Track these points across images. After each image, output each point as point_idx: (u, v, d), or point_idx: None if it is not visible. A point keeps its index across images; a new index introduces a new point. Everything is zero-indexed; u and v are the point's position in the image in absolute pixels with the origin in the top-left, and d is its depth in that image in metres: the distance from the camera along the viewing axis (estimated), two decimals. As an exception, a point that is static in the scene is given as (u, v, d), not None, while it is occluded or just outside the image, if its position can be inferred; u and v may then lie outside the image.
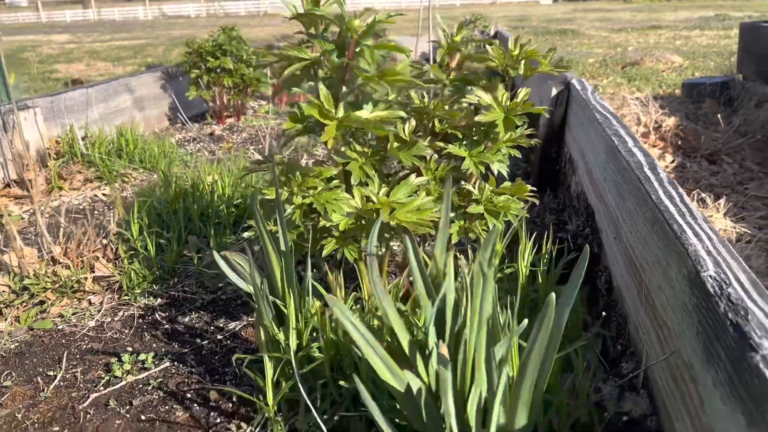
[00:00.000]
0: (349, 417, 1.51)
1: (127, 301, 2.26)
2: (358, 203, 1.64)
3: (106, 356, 1.96)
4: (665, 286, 1.30)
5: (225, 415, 1.65)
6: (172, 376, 1.83)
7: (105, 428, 1.63)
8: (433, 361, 1.17)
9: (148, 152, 3.67)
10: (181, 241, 2.54)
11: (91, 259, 2.37)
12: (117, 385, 1.80)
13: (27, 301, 2.26)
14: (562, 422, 1.31)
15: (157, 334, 2.07)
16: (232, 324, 2.11)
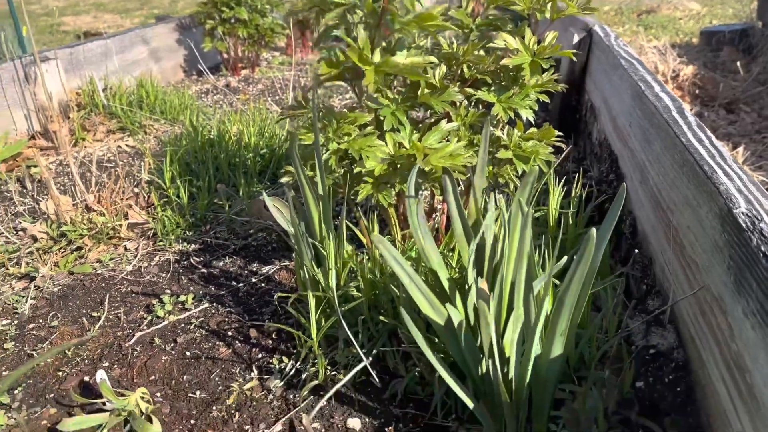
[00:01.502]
0: (386, 351, 1.60)
1: (161, 247, 2.34)
2: (390, 149, 1.69)
3: (146, 298, 2.04)
4: (695, 225, 1.34)
5: (266, 351, 1.73)
6: (212, 316, 1.92)
7: (152, 364, 1.72)
8: (472, 294, 1.24)
9: (168, 103, 3.70)
10: (211, 190, 2.60)
11: (124, 206, 2.43)
12: (160, 324, 1.89)
13: (65, 247, 2.34)
14: (592, 354, 1.38)
15: (193, 278, 2.15)
16: (265, 268, 2.18)
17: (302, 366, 1.64)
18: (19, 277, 2.23)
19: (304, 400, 1.53)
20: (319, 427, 1.46)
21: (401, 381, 1.51)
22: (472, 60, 1.77)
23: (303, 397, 1.54)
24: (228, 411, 1.53)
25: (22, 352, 1.82)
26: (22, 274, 2.23)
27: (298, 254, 1.63)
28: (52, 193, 2.36)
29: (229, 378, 1.64)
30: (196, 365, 1.70)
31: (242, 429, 1.47)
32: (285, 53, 5.89)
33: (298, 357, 1.67)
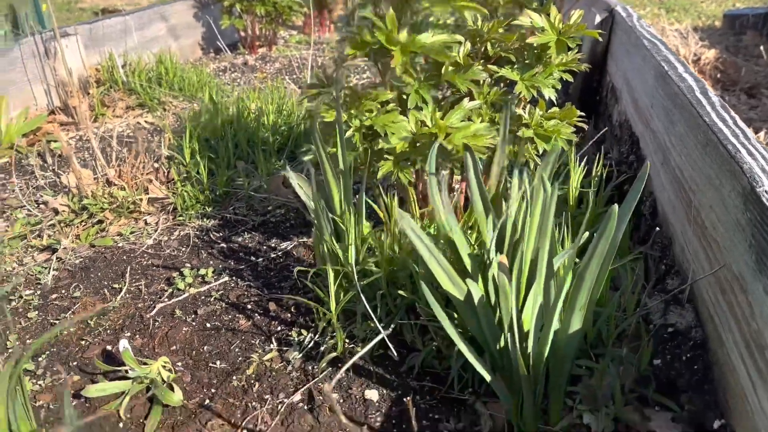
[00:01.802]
0: (403, 325, 1.61)
1: (181, 222, 2.37)
2: (412, 127, 1.69)
3: (166, 271, 2.07)
4: (717, 204, 1.34)
5: (285, 324, 1.76)
6: (231, 289, 1.94)
7: (173, 334, 1.75)
8: (492, 269, 1.25)
9: (186, 80, 3.71)
10: (230, 166, 2.62)
11: (144, 181, 2.46)
12: (180, 296, 1.92)
13: (86, 221, 2.37)
14: (609, 332, 1.39)
15: (213, 252, 2.18)
16: (284, 244, 2.20)
17: (321, 339, 1.67)
18: (41, 249, 2.27)
19: (322, 372, 1.56)
20: (338, 397, 1.49)
21: (418, 355, 1.53)
22: (496, 37, 1.76)
23: (321, 369, 1.57)
24: (248, 381, 1.56)
25: (45, 321, 1.86)
26: (44, 246, 2.27)
27: (318, 229, 1.65)
28: (74, 167, 2.39)
29: (248, 349, 1.67)
30: (217, 336, 1.73)
31: (262, 398, 1.50)
32: (302, 32, 5.88)
33: (317, 330, 1.69)
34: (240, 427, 1.43)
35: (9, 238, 2.34)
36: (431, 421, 1.40)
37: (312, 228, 2.29)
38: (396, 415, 1.43)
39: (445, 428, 1.38)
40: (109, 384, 1.52)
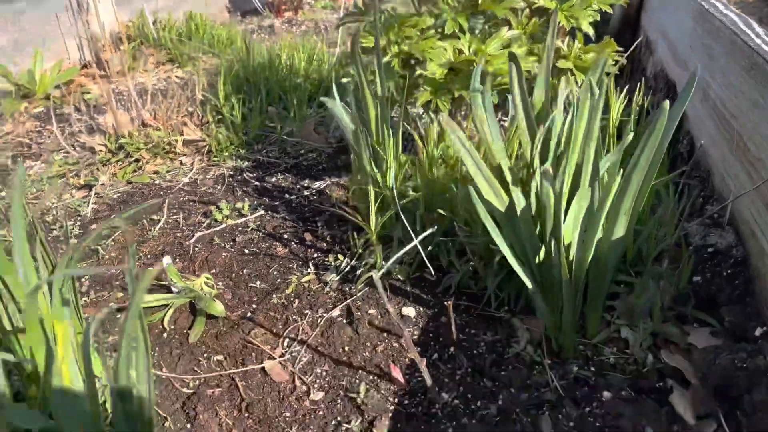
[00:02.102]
0: (439, 250, 1.63)
1: (216, 163, 2.40)
2: (450, 56, 1.69)
3: (203, 206, 2.11)
4: (762, 124, 1.34)
5: (321, 252, 1.79)
6: (267, 222, 1.97)
7: (213, 259, 1.79)
8: (536, 179, 1.26)
9: (216, 37, 3.73)
10: (262, 111, 2.64)
11: (179, 123, 2.49)
12: (218, 227, 1.96)
13: (123, 160, 2.41)
14: (650, 249, 1.40)
15: (247, 190, 2.21)
16: (317, 183, 2.23)
17: (357, 263, 1.69)
18: (79, 187, 2.31)
19: (359, 291, 1.58)
20: (376, 313, 1.51)
21: (455, 275, 1.55)
22: (535, -32, 1.75)
23: (359, 289, 1.59)
24: (287, 298, 1.59)
25: (86, 247, 1.90)
26: (81, 185, 2.32)
27: (356, 155, 1.67)
28: (111, 107, 2.43)
29: (286, 272, 1.70)
30: (255, 261, 1.77)
31: (302, 313, 1.53)
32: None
33: (353, 256, 1.72)
34: (282, 336, 1.46)
35: (48, 177, 2.39)
36: (467, 335, 1.43)
37: (344, 171, 2.32)
38: (432, 330, 1.45)
39: (482, 340, 1.40)
40: (153, 296, 1.56)
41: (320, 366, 1.37)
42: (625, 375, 1.26)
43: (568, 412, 1.19)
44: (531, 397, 1.23)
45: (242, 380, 1.34)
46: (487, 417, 1.20)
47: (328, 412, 1.24)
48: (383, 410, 1.23)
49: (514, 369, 1.31)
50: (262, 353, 1.41)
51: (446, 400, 1.25)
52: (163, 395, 1.30)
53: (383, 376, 1.33)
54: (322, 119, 2.72)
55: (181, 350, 1.43)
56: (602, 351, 1.32)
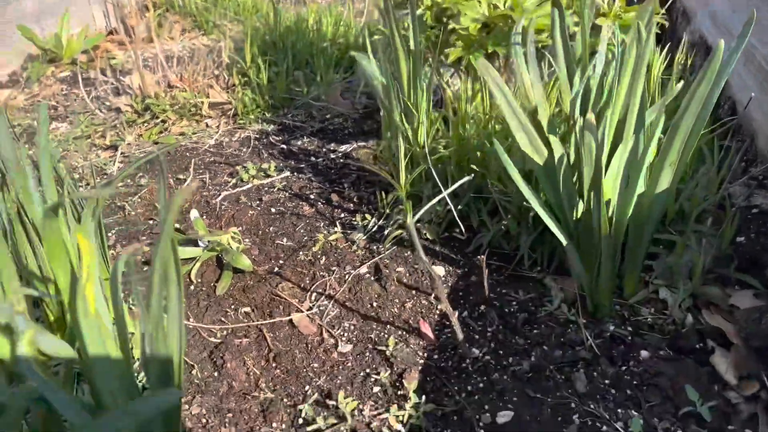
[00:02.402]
0: (469, 210, 1.59)
1: (242, 125, 2.38)
2: (485, 10, 1.64)
3: (229, 167, 2.09)
4: (815, 78, 1.27)
5: (348, 212, 1.76)
6: (294, 183, 1.95)
7: (239, 216, 1.77)
8: (576, 129, 1.21)
9: (242, 5, 3.70)
10: (288, 75, 2.61)
11: (205, 86, 2.47)
12: (244, 187, 1.94)
13: (149, 121, 2.40)
14: (692, 208, 1.35)
15: (273, 153, 2.18)
16: (343, 147, 2.20)
17: (384, 223, 1.66)
18: (105, 148, 2.31)
19: (387, 250, 1.56)
20: (404, 271, 1.48)
21: (486, 234, 1.51)
22: None
23: (386, 248, 1.56)
24: (314, 255, 1.56)
25: (113, 204, 1.90)
26: (107, 145, 2.31)
27: (386, 111, 1.63)
28: (138, 67, 2.42)
29: (313, 231, 1.68)
30: (281, 220, 1.74)
31: (329, 269, 1.51)
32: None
33: (381, 216, 1.69)
34: (309, 291, 1.44)
35: (74, 138, 2.38)
36: (499, 294, 1.39)
37: (370, 136, 2.29)
38: (462, 289, 1.42)
39: (514, 299, 1.37)
40: (181, 249, 1.54)
41: (348, 320, 1.35)
42: (663, 335, 1.22)
43: (604, 370, 1.15)
44: (565, 354, 1.20)
45: (270, 332, 1.32)
46: (519, 373, 1.17)
47: (357, 364, 1.22)
48: (413, 363, 1.21)
49: (547, 327, 1.28)
50: (290, 306, 1.39)
51: (477, 356, 1.22)
52: (191, 344, 1.29)
53: (412, 331, 1.30)
54: (349, 84, 2.68)
55: (208, 302, 1.42)
56: (639, 311, 1.28)
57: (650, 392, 1.09)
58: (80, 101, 2.69)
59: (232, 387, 1.18)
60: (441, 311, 1.36)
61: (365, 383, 1.17)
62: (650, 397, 1.08)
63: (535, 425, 1.06)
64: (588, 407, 1.08)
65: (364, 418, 1.09)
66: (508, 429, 1.06)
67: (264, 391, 1.16)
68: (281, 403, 1.14)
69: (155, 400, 0.74)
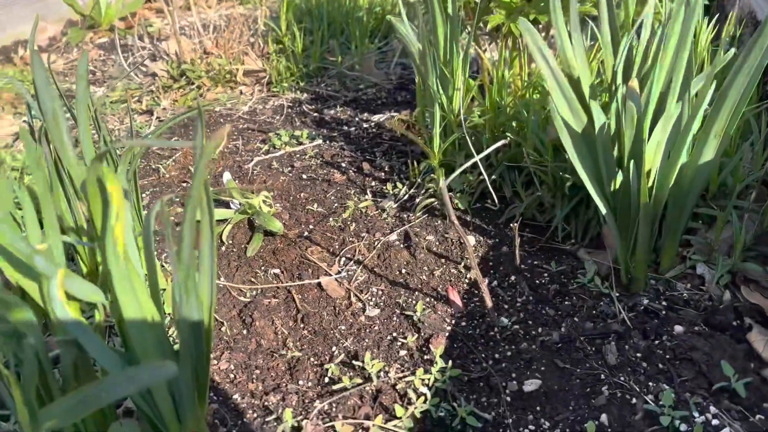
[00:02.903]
0: (505, 173, 1.57)
1: (275, 93, 2.38)
2: (527, -23, 1.60)
3: (261, 134, 2.09)
4: None
5: (379, 181, 1.75)
6: (325, 151, 1.94)
7: (271, 181, 1.77)
8: (619, 95, 1.17)
9: (278, -25, 3.68)
10: (323, 44, 2.60)
11: (240, 53, 2.47)
12: (276, 153, 1.94)
13: (184, 87, 2.42)
14: (736, 181, 1.30)
15: (306, 121, 2.18)
16: (376, 117, 2.18)
17: (415, 192, 1.65)
18: (140, 112, 2.33)
19: (417, 219, 1.54)
20: (433, 240, 1.47)
21: (519, 205, 1.49)
22: None
23: (417, 216, 1.55)
24: (344, 221, 1.56)
25: (147, 166, 1.92)
26: (143, 110, 2.33)
27: (422, 76, 1.60)
28: (175, 32, 2.43)
29: (344, 198, 1.67)
30: (312, 186, 1.74)
31: (359, 235, 1.50)
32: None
33: (412, 185, 1.68)
34: (338, 255, 1.44)
35: (111, 102, 2.41)
36: (530, 265, 1.37)
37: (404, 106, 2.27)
38: (492, 258, 1.41)
39: (545, 271, 1.35)
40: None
41: (376, 285, 1.34)
42: (699, 311, 1.19)
43: (636, 343, 1.13)
44: (596, 326, 1.18)
45: (298, 293, 1.32)
46: (548, 343, 1.16)
47: (384, 328, 1.22)
48: (440, 329, 1.20)
49: (578, 299, 1.26)
50: (319, 270, 1.39)
51: (505, 325, 1.21)
52: (220, 302, 1.30)
53: (440, 298, 1.29)
54: (384, 55, 2.66)
55: (239, 262, 1.43)
56: (675, 286, 1.25)
57: (683, 367, 1.07)
58: (117, 67, 2.72)
59: (261, 345, 1.19)
60: (470, 280, 1.34)
61: (392, 346, 1.17)
62: (683, 371, 1.06)
63: (562, 394, 1.04)
64: (618, 379, 1.06)
65: (389, 379, 1.09)
66: (534, 397, 1.05)
67: (291, 350, 1.17)
68: (308, 362, 1.14)
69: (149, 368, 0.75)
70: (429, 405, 1.03)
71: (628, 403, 1.01)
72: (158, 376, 0.65)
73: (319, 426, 1.00)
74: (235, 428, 1.02)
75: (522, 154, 1.50)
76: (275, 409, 1.04)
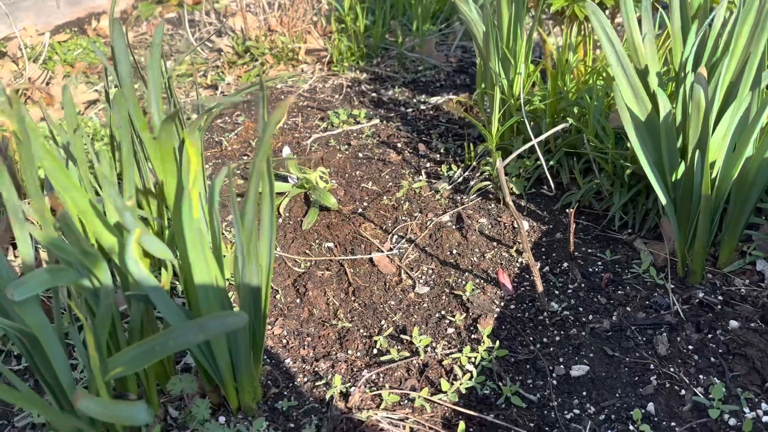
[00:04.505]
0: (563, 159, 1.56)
1: (335, 73, 2.41)
2: (596, -40, 1.57)
3: (320, 111, 2.13)
4: None
5: (434, 162, 1.76)
6: (382, 130, 1.97)
7: (328, 158, 1.81)
8: (687, 83, 1.15)
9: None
10: (385, 24, 2.61)
11: (303, 31, 2.51)
12: (334, 131, 1.97)
13: (248, 63, 2.48)
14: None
15: (364, 101, 2.20)
16: (433, 99, 2.18)
17: (470, 174, 1.65)
18: (206, 87, 2.40)
19: (471, 201, 1.55)
20: (486, 223, 1.48)
21: (576, 192, 1.48)
22: None
23: (471, 199, 1.56)
24: (397, 201, 1.58)
25: (210, 139, 1.98)
26: (208, 84, 2.40)
27: (483, 58, 1.60)
28: (242, 8, 2.48)
29: (398, 177, 1.69)
30: (368, 164, 1.77)
31: (411, 215, 1.52)
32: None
33: (467, 168, 1.68)
34: (391, 233, 1.46)
35: (177, 75, 2.49)
36: (584, 253, 1.36)
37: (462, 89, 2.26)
38: (545, 244, 1.40)
39: (599, 259, 1.34)
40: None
41: (427, 264, 1.36)
42: (756, 308, 1.16)
43: (688, 336, 1.11)
44: (648, 317, 1.17)
45: (350, 267, 1.36)
46: (598, 330, 1.15)
47: (432, 306, 1.24)
48: (488, 310, 1.21)
49: (632, 289, 1.24)
50: (371, 246, 1.42)
51: (555, 310, 1.21)
52: (276, 272, 1.35)
53: (490, 281, 1.30)
54: (445, 37, 2.65)
55: (294, 235, 1.47)
56: (733, 281, 1.22)
57: (736, 362, 1.05)
58: (184, 41, 2.80)
59: (313, 314, 1.23)
60: (521, 264, 1.35)
61: (440, 324, 1.19)
62: (735, 366, 1.04)
63: (609, 381, 1.04)
64: (667, 370, 1.05)
65: (436, 355, 1.11)
66: (581, 382, 1.05)
67: (342, 321, 1.21)
68: (357, 333, 1.17)
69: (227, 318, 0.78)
70: (474, 382, 1.05)
71: (677, 394, 1.01)
72: (230, 324, 0.69)
73: (367, 393, 1.03)
74: (286, 390, 1.06)
75: (581, 141, 1.48)
76: (325, 375, 1.08)
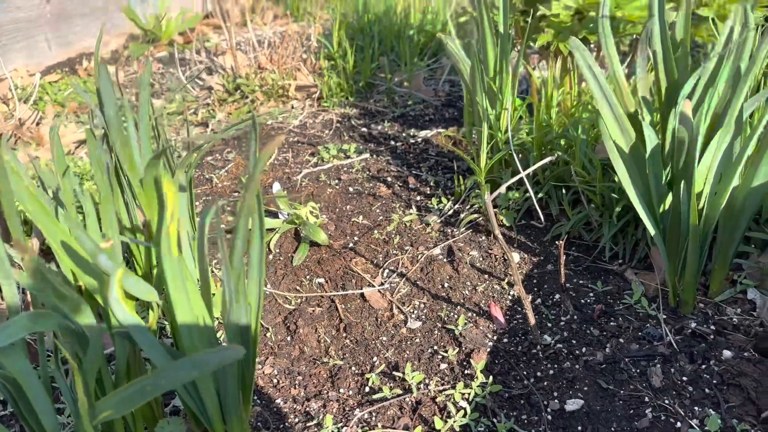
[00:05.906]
0: (551, 190, 1.57)
1: (325, 108, 2.43)
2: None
3: (311, 146, 2.14)
4: None
5: (424, 195, 1.77)
6: (372, 165, 1.98)
7: (318, 193, 1.81)
8: (671, 117, 1.16)
9: (332, -7, 3.77)
10: (373, 60, 2.65)
11: (293, 68, 2.54)
12: (324, 166, 1.98)
13: (239, 100, 2.50)
14: (790, 207, 1.27)
15: (354, 136, 2.22)
16: (423, 133, 2.20)
17: (460, 207, 1.66)
18: (196, 124, 2.42)
19: (461, 234, 1.55)
20: (477, 255, 1.48)
21: (566, 223, 1.48)
22: None
23: (461, 231, 1.56)
24: (388, 234, 1.58)
25: (201, 176, 1.99)
26: (199, 122, 2.42)
27: (470, 93, 1.62)
28: (231, 47, 2.51)
29: (389, 211, 1.70)
30: (358, 199, 1.77)
31: (402, 248, 1.52)
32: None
33: (457, 200, 1.69)
34: (382, 267, 1.46)
35: (168, 113, 2.51)
36: (575, 284, 1.36)
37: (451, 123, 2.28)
38: (537, 276, 1.40)
39: (591, 290, 1.34)
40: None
41: (418, 298, 1.36)
42: (749, 337, 1.16)
43: (682, 367, 1.11)
44: (642, 348, 1.16)
45: (342, 303, 1.35)
46: (591, 363, 1.14)
47: (425, 341, 1.23)
48: (481, 344, 1.20)
49: (624, 320, 1.24)
50: (362, 281, 1.42)
51: (548, 343, 1.20)
52: (266, 309, 1.34)
53: (482, 314, 1.30)
54: (433, 72, 2.69)
55: (285, 271, 1.46)
56: (724, 310, 1.22)
57: (731, 392, 1.04)
58: (175, 80, 2.82)
59: (304, 352, 1.21)
60: (513, 297, 1.34)
61: (432, 359, 1.18)
62: (730, 397, 1.03)
63: (605, 415, 1.03)
64: (662, 402, 1.04)
65: (429, 392, 1.09)
66: (576, 416, 1.04)
67: (333, 358, 1.19)
68: (349, 371, 1.16)
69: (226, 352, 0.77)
70: (468, 419, 1.03)
71: (672, 427, 0.99)
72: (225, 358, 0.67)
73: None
74: (276, 431, 1.04)
75: (569, 173, 1.49)
76: (316, 414, 1.06)
